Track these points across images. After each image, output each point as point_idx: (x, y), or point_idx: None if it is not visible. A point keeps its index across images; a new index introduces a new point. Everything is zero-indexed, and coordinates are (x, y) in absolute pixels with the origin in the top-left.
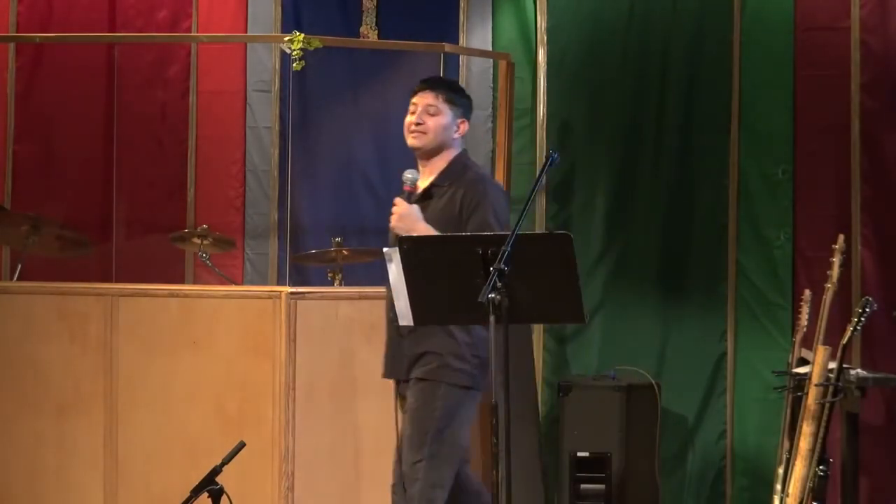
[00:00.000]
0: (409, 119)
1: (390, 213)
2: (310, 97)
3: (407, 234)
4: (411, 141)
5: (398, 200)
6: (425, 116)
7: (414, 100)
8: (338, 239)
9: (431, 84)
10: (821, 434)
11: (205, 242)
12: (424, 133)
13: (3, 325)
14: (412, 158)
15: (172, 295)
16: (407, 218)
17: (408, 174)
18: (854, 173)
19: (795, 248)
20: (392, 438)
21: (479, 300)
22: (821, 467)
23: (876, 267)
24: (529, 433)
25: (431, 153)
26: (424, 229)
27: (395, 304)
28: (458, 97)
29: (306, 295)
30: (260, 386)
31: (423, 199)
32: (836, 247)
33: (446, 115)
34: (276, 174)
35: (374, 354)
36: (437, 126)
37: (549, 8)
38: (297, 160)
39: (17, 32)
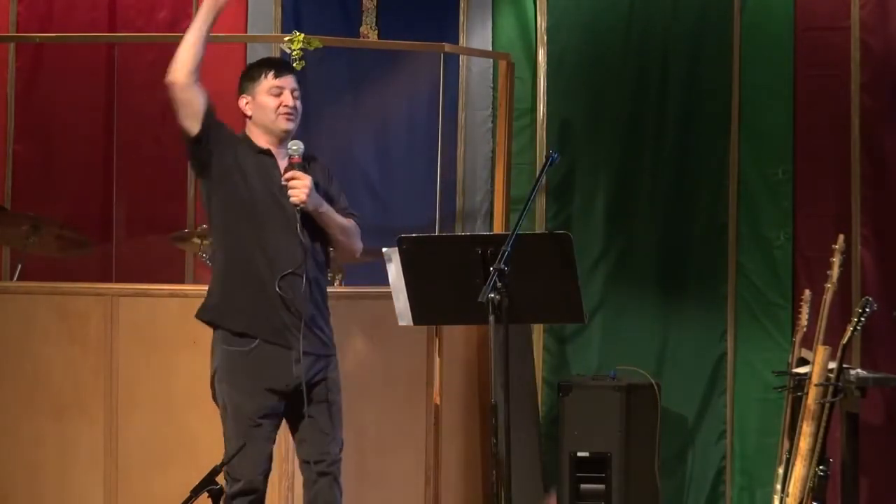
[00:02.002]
0: (276, 101)
1: (286, 185)
2: (310, 97)
3: (315, 210)
4: (286, 125)
5: (300, 174)
6: (294, 100)
7: (278, 82)
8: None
9: (290, 68)
10: (821, 434)
11: (205, 242)
12: (296, 115)
13: (3, 325)
14: (412, 158)
15: (172, 295)
16: (313, 193)
17: (294, 146)
18: (854, 173)
19: (795, 248)
20: (393, 438)
21: (479, 300)
22: (821, 467)
23: (876, 267)
24: (529, 433)
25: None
26: (327, 206)
27: (395, 304)
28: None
29: None
30: None
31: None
32: (836, 247)
33: (299, 97)
34: None
35: (374, 354)
36: (300, 111)
37: (549, 8)
38: None
39: (17, 32)
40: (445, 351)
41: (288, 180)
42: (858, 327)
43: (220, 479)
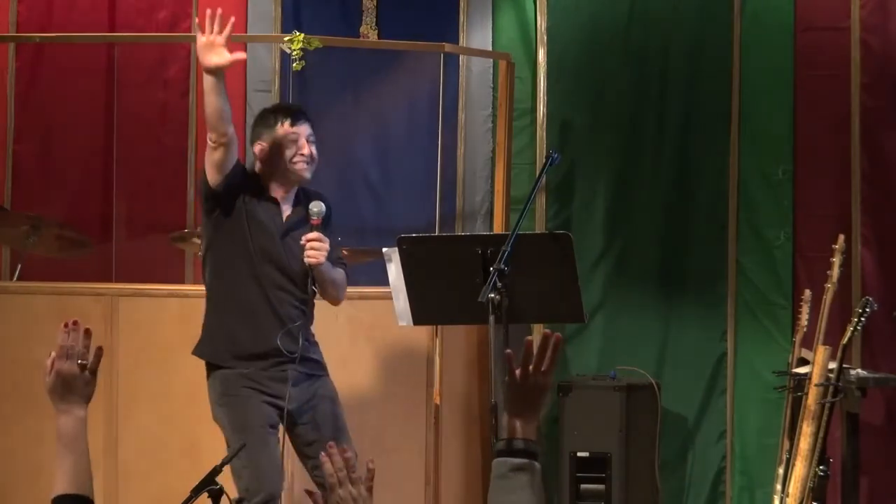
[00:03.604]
0: (292, 150)
1: (303, 248)
2: (310, 97)
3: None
4: (305, 173)
5: (322, 237)
6: (310, 147)
7: (294, 129)
8: (338, 239)
9: (306, 115)
10: (821, 434)
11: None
12: (312, 162)
13: (3, 325)
14: (412, 158)
15: (172, 295)
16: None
17: (315, 207)
18: (854, 173)
19: (795, 248)
20: (393, 438)
21: (479, 300)
22: (821, 467)
23: (876, 267)
24: None
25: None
26: (328, 264)
27: (395, 304)
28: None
29: None
30: None
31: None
32: (836, 247)
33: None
34: None
35: (374, 354)
36: (316, 155)
37: (549, 8)
38: None
39: (17, 32)
40: (445, 351)
41: (309, 240)
42: (858, 327)
43: (231, 485)
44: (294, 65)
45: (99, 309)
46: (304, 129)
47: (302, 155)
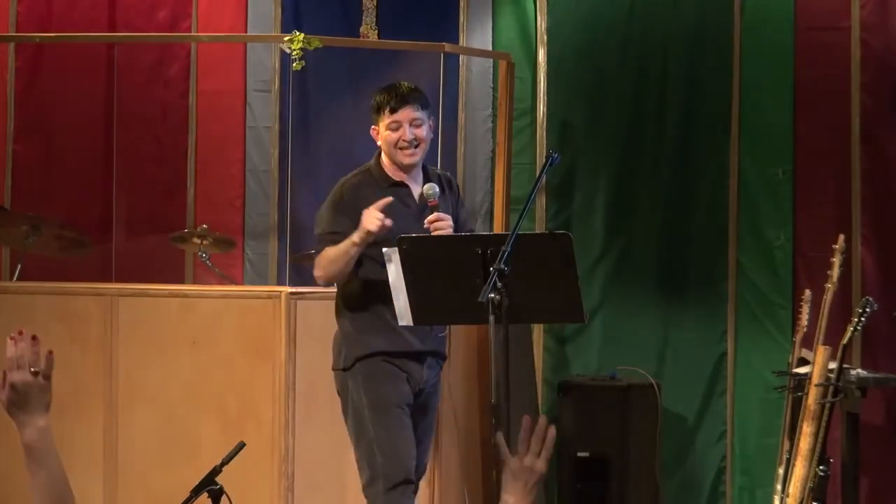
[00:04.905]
0: (395, 136)
1: (428, 230)
2: (310, 97)
3: None
4: (408, 160)
5: (444, 216)
6: (415, 131)
7: (394, 118)
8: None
9: (409, 98)
10: (821, 434)
11: (205, 242)
12: (419, 148)
13: (3, 325)
14: None
15: (172, 295)
16: None
17: (430, 190)
18: (854, 173)
19: (795, 248)
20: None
21: (480, 300)
22: (821, 467)
23: (876, 267)
24: None
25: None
26: None
27: (395, 303)
28: (427, 99)
29: (306, 295)
30: (260, 386)
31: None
32: (836, 247)
33: (426, 122)
34: (276, 174)
35: None
36: (427, 137)
37: (549, 8)
38: (297, 160)
39: (17, 32)
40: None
41: (432, 222)
42: (859, 327)
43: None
44: (294, 65)
45: (99, 309)
46: (406, 115)
47: (404, 142)
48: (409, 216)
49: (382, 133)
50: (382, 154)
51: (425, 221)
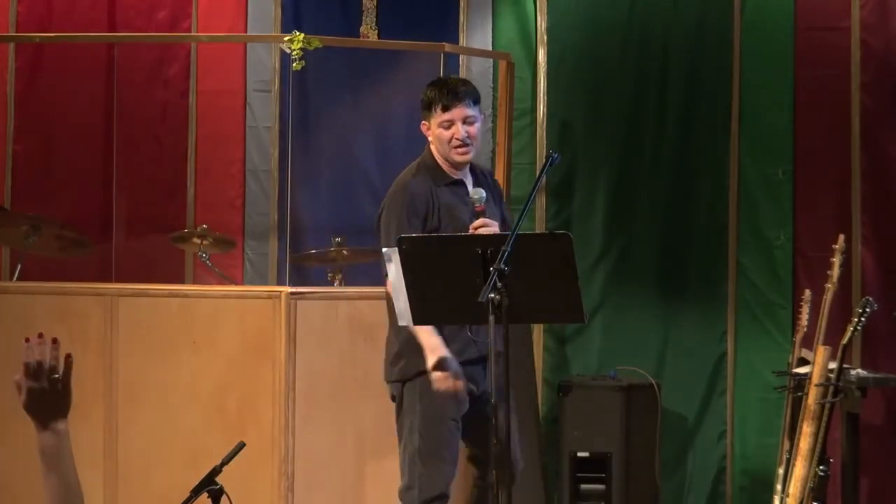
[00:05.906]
0: (448, 134)
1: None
2: (310, 97)
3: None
4: (462, 158)
5: (490, 221)
6: (468, 129)
7: (447, 116)
8: (338, 239)
9: (461, 95)
10: (821, 434)
11: (205, 242)
12: (472, 146)
13: (3, 325)
14: (412, 158)
15: (172, 295)
16: None
17: (476, 195)
18: (854, 173)
19: (795, 248)
20: (393, 438)
21: (480, 300)
22: (821, 467)
23: (876, 267)
24: (529, 433)
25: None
26: None
27: (395, 303)
28: (478, 94)
29: (306, 295)
30: (260, 386)
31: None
32: (836, 247)
33: (479, 118)
34: (276, 174)
35: (374, 354)
36: (478, 133)
37: (549, 8)
38: (297, 160)
39: (17, 32)
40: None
41: (477, 227)
42: (858, 327)
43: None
44: (294, 65)
45: (99, 309)
46: (458, 113)
47: (457, 139)
48: (468, 213)
49: (435, 130)
50: (433, 150)
51: (471, 227)
